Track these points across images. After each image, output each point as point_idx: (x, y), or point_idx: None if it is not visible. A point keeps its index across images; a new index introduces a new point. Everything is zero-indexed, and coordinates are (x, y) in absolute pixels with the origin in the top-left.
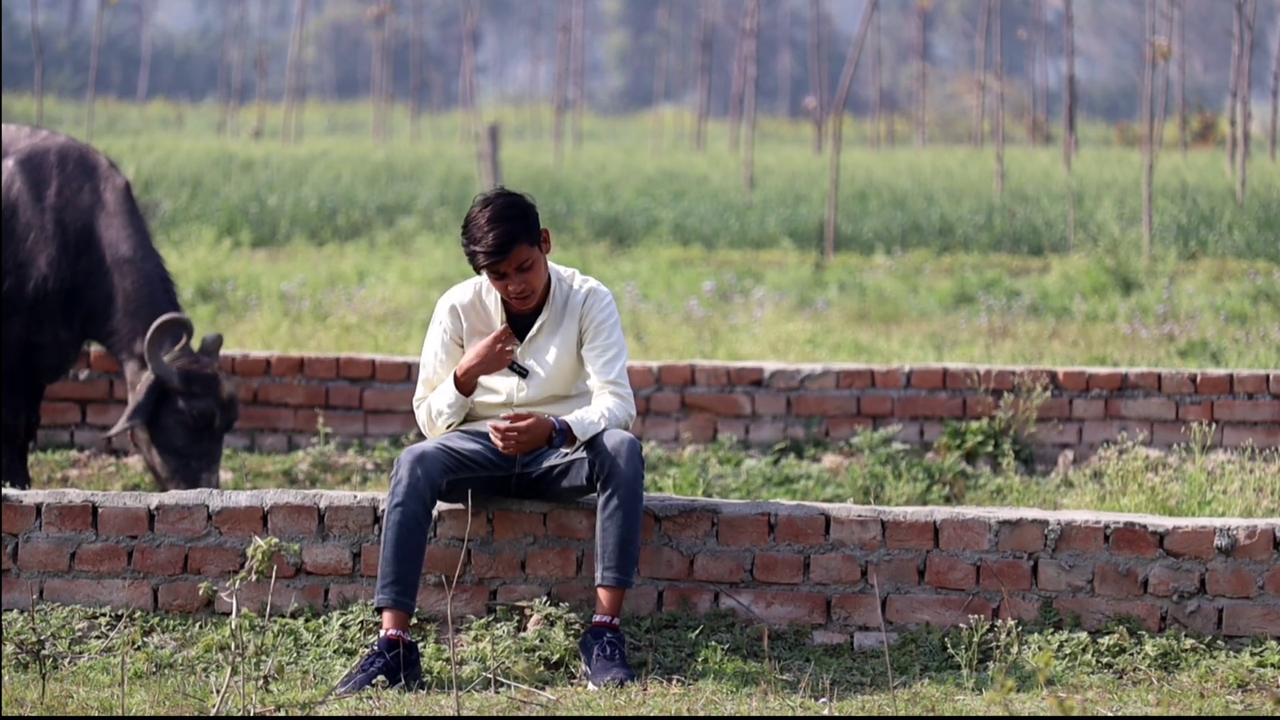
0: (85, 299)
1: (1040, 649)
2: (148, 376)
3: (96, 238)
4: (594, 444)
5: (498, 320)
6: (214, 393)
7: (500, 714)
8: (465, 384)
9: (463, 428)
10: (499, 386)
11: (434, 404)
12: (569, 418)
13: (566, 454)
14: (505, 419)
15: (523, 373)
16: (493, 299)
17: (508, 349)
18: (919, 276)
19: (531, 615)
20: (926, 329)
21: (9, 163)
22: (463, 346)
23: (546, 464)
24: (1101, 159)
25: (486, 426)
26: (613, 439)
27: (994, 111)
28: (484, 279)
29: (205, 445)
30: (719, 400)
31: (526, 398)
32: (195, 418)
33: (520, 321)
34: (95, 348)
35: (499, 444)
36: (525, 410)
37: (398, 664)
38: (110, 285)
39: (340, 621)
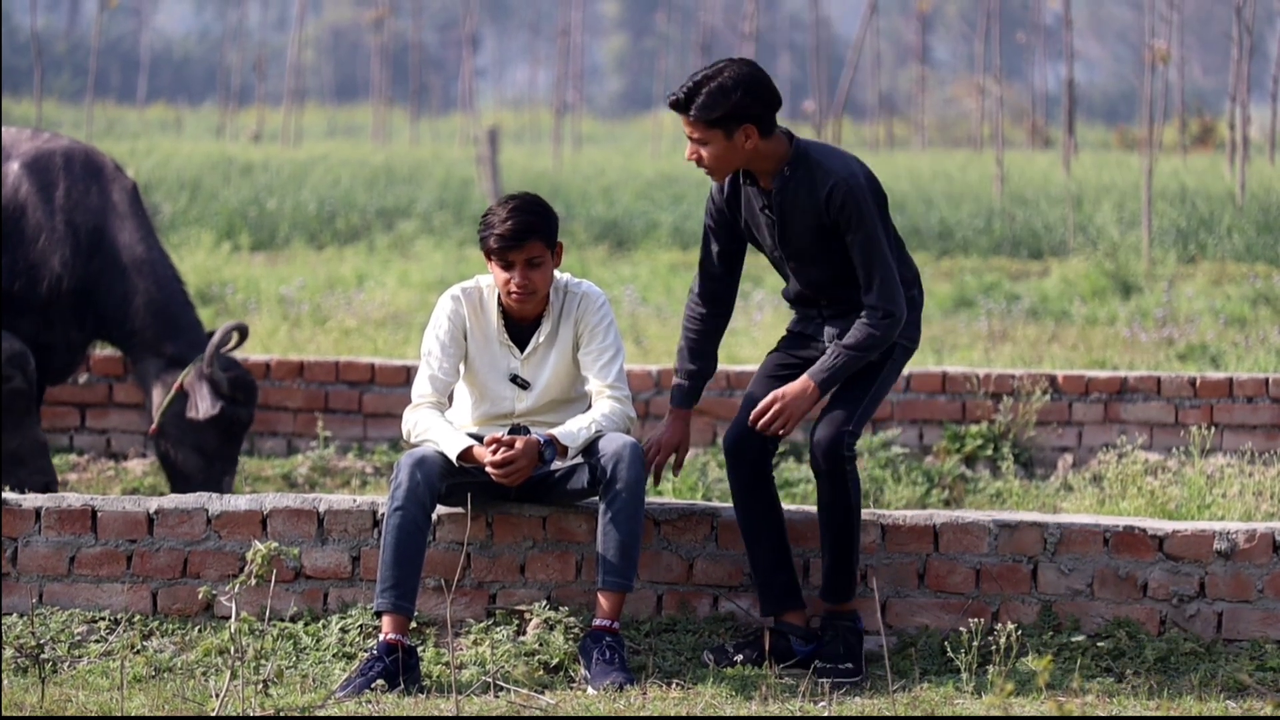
0: (97, 300)
1: (1040, 652)
2: (200, 381)
3: (109, 239)
4: (595, 448)
5: (496, 326)
6: (254, 401)
7: (499, 717)
8: (467, 459)
9: (465, 433)
10: (499, 397)
11: (431, 436)
12: (556, 431)
13: (571, 458)
14: (491, 447)
15: (525, 385)
16: (493, 305)
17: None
18: None
19: (531, 619)
20: (926, 332)
21: (14, 165)
22: (466, 338)
23: (547, 468)
24: (1101, 162)
25: (485, 431)
26: (614, 443)
27: (993, 115)
28: (484, 286)
29: (231, 449)
30: (718, 404)
31: (527, 406)
32: (234, 423)
33: (520, 330)
34: (96, 351)
35: (496, 477)
36: (526, 420)
37: (397, 668)
38: (127, 286)
39: (339, 625)
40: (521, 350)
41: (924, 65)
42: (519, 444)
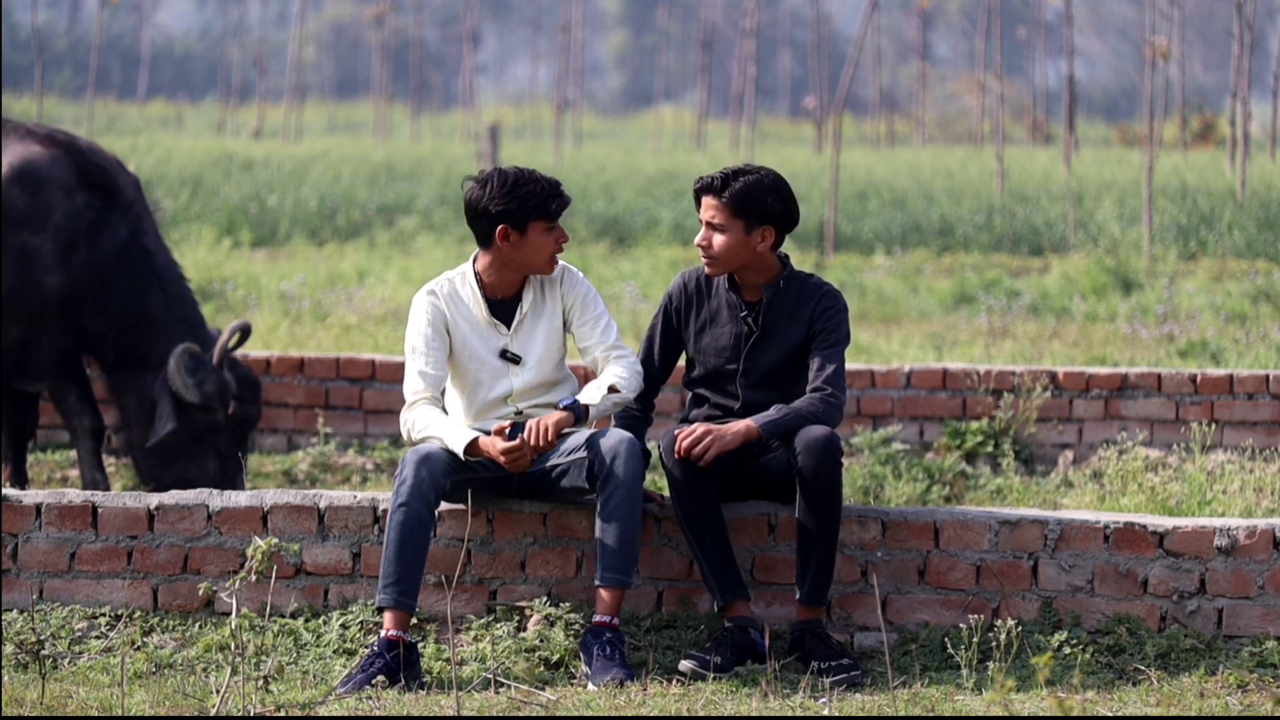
0: None
1: (1040, 649)
2: (163, 395)
3: None
4: (592, 444)
5: (477, 312)
6: (260, 398)
7: (500, 714)
8: (473, 453)
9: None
10: (494, 378)
11: (434, 433)
12: (581, 397)
13: (570, 454)
14: (499, 433)
15: (516, 359)
16: (468, 291)
17: (521, 454)
18: (919, 276)
19: (531, 615)
20: (926, 329)
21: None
22: (448, 332)
23: (547, 464)
24: (1101, 159)
25: (488, 425)
26: (611, 439)
27: (994, 111)
28: (455, 276)
29: (241, 448)
30: None
31: (524, 383)
32: (243, 421)
33: (502, 307)
34: None
35: (505, 462)
36: (522, 404)
37: (398, 664)
38: None
39: (340, 621)
40: (508, 326)
41: (925, 62)
42: (534, 428)
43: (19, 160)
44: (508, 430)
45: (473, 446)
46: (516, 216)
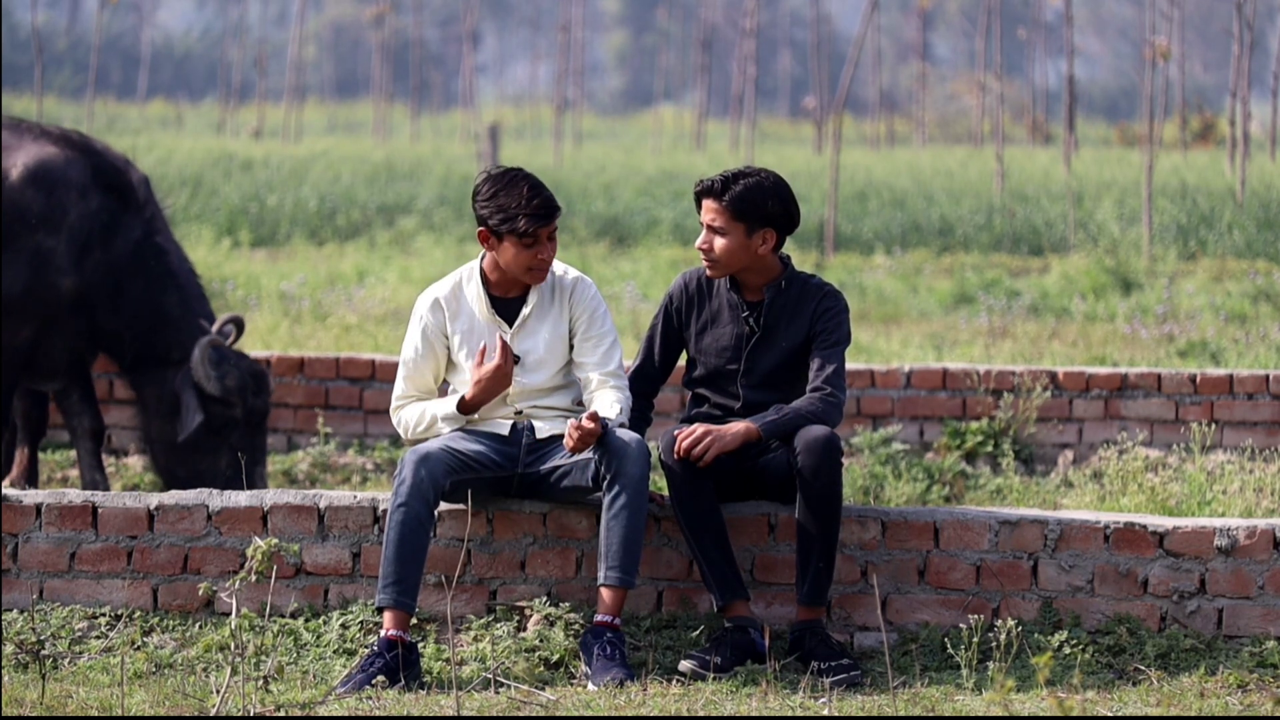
0: None
1: (1040, 649)
2: (187, 388)
3: None
4: (602, 443)
5: (479, 308)
6: (267, 389)
7: (500, 714)
8: (470, 409)
9: (464, 428)
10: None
11: (431, 411)
12: (594, 408)
13: (571, 456)
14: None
15: (515, 359)
16: (473, 288)
17: (508, 367)
18: (919, 276)
19: (531, 615)
20: (926, 329)
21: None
22: (446, 338)
23: (549, 464)
24: (1101, 159)
25: (488, 425)
26: (621, 439)
27: (994, 111)
28: (463, 271)
29: (258, 441)
30: None
31: (523, 384)
32: (254, 413)
33: (507, 305)
34: None
35: (490, 374)
36: (523, 406)
37: (397, 664)
38: None
39: (340, 622)
40: (510, 325)
41: (925, 62)
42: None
43: (34, 161)
44: (509, 425)
45: (464, 404)
46: (492, 225)
